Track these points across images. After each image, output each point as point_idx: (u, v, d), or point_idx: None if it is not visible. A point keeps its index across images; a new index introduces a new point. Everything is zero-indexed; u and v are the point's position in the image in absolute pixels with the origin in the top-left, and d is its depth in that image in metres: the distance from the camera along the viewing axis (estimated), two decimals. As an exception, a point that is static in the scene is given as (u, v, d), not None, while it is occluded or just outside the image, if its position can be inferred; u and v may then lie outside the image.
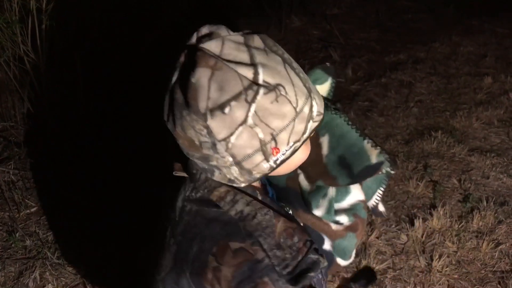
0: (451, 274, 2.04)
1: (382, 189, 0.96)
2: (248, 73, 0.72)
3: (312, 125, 0.78)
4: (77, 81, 2.79)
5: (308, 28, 4.54)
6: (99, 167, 2.53)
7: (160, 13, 3.52)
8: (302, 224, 0.94)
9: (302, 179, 0.93)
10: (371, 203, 0.97)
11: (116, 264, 2.02)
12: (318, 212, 0.92)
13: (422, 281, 2.02)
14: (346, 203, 0.94)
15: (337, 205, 0.94)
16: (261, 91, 0.72)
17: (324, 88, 0.99)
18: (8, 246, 2.12)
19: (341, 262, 0.97)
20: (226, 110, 0.71)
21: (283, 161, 0.78)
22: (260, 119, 0.73)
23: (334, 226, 0.93)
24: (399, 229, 2.26)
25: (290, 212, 0.94)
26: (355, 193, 0.95)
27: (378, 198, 0.97)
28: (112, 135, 2.71)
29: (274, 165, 0.78)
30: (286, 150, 0.77)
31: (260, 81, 0.72)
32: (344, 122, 0.90)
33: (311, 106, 0.77)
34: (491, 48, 4.06)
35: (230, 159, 0.76)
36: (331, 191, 0.93)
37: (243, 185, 0.82)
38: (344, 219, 0.94)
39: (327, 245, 0.95)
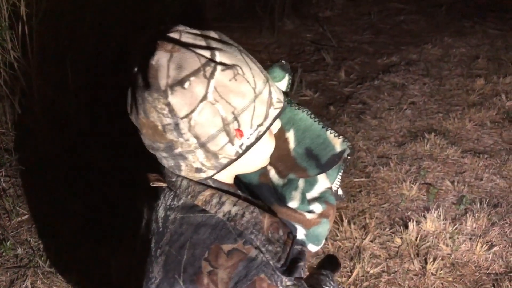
0: (445, 277, 2.03)
1: (340, 174, 1.01)
2: (205, 53, 0.75)
3: (273, 112, 0.81)
4: (68, 87, 2.78)
5: (300, 31, 4.55)
6: (91, 174, 2.51)
7: (150, 16, 3.51)
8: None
9: (273, 174, 0.96)
10: (334, 187, 1.02)
11: (108, 272, 2.00)
12: (292, 204, 0.95)
13: (416, 284, 2.02)
14: (315, 192, 0.98)
15: (308, 195, 0.98)
16: (219, 67, 0.74)
17: (282, 84, 1.02)
18: (-1, 254, 2.10)
19: (312, 248, 1.00)
20: (186, 85, 0.73)
21: (248, 147, 0.80)
22: (220, 96, 0.75)
23: (308, 215, 0.96)
24: (393, 232, 2.26)
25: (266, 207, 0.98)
26: (322, 182, 0.99)
27: (338, 183, 1.02)
28: (104, 141, 2.70)
29: (240, 150, 0.79)
30: (250, 134, 0.79)
31: (217, 60, 0.75)
32: (307, 116, 0.95)
33: (270, 92, 0.80)
34: (483, 49, 4.08)
35: (194, 140, 0.77)
36: (301, 182, 0.97)
37: (211, 172, 0.82)
38: (317, 207, 0.97)
39: (300, 234, 0.98)
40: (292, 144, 0.95)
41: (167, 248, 0.82)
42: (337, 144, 0.94)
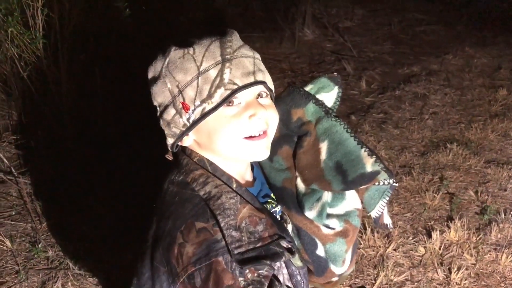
0: (470, 287, 2.03)
1: (385, 200, 0.95)
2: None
3: (224, 92, 0.85)
4: (96, 94, 2.86)
5: (321, 41, 4.59)
6: (120, 178, 2.57)
7: (175, 25, 3.59)
8: (290, 224, 0.97)
9: (299, 181, 0.97)
10: (374, 213, 0.97)
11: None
12: (310, 214, 0.94)
13: (440, 293, 2.02)
14: (340, 209, 0.96)
15: (331, 210, 0.96)
16: (173, 47, 0.88)
17: (330, 96, 1.03)
18: (31, 256, 2.16)
19: (335, 269, 0.99)
20: (153, 62, 0.91)
21: (195, 122, 0.87)
22: (169, 71, 0.88)
23: (324, 230, 0.95)
24: (416, 241, 2.27)
25: (276, 209, 0.98)
26: (351, 200, 0.97)
27: (381, 209, 0.96)
28: (131, 146, 2.76)
29: (188, 123, 0.88)
30: (194, 109, 0.86)
31: (177, 45, 0.89)
32: (344, 130, 0.94)
33: (222, 73, 0.85)
34: (505, 59, 4.07)
35: (158, 109, 0.91)
36: (326, 195, 0.96)
37: (171, 141, 0.92)
38: (334, 224, 0.95)
39: (320, 251, 0.97)
40: (323, 155, 0.94)
41: (160, 216, 0.90)
42: (369, 163, 0.89)
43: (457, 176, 2.69)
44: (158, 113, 0.91)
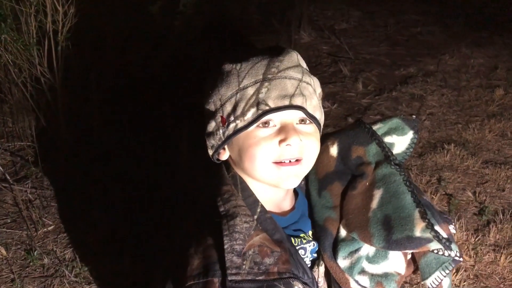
0: (469, 288, 2.02)
1: (443, 273, 0.86)
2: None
3: (255, 112, 0.84)
4: (92, 101, 2.84)
5: (317, 44, 4.58)
6: (117, 184, 2.55)
7: (173, 30, 3.59)
8: (323, 267, 0.92)
9: (342, 223, 0.91)
10: (429, 283, 0.89)
11: (133, 282, 2.03)
12: (341, 263, 0.88)
13: (439, 296, 2.00)
14: (379, 268, 0.88)
15: (369, 266, 0.88)
16: (227, 62, 0.89)
17: (403, 140, 0.95)
18: (27, 264, 2.14)
19: None
20: (210, 75, 0.91)
21: (228, 137, 0.87)
22: (216, 84, 0.88)
23: (352, 285, 0.88)
24: (414, 243, 2.25)
25: (307, 246, 0.92)
26: (394, 262, 0.88)
27: (438, 281, 0.87)
28: (128, 152, 2.75)
29: (223, 137, 0.88)
30: (228, 124, 0.86)
31: (231, 60, 0.89)
32: (402, 182, 0.87)
33: (259, 92, 0.84)
34: (502, 59, 4.06)
35: (205, 120, 0.92)
36: (367, 249, 0.88)
37: (210, 152, 0.93)
38: (365, 282, 0.88)
39: None
40: (374, 204, 0.87)
41: (187, 223, 0.93)
42: (419, 227, 0.81)
43: (455, 177, 2.68)
44: (204, 123, 0.93)
